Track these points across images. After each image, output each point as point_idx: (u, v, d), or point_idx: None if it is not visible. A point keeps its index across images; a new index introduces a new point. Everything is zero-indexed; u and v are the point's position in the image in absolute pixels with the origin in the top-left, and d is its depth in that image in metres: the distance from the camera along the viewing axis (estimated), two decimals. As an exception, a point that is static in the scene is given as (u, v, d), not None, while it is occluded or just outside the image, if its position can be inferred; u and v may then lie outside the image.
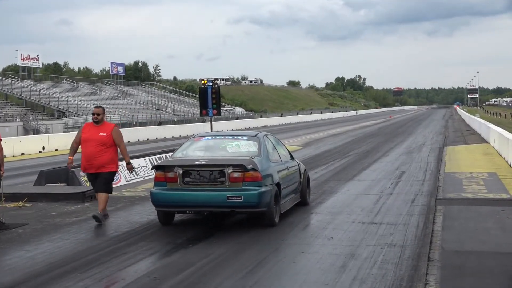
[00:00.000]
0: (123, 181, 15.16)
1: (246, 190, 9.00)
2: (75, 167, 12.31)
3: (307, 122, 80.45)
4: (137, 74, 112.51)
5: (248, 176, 9.03)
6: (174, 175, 9.24)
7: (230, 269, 7.10)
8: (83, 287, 6.49)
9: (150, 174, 16.05)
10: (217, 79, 24.27)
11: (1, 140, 9.64)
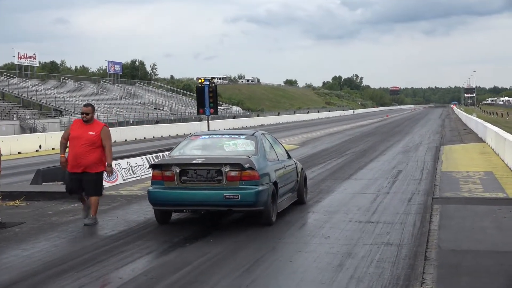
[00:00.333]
0: (120, 179, 15.15)
1: (243, 189, 9.01)
2: None
3: (304, 121, 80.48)
4: (134, 72, 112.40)
5: (245, 175, 9.04)
6: (172, 174, 9.23)
7: (227, 268, 7.11)
8: (80, 286, 6.49)
9: (147, 172, 16.04)
10: (214, 78, 24.16)
11: None
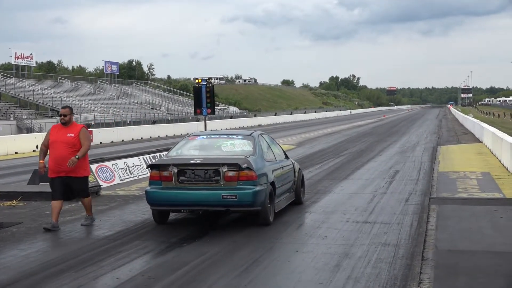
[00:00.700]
0: (117, 180, 15.15)
1: (241, 189, 9.02)
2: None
3: (301, 121, 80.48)
4: (131, 73, 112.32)
5: (243, 175, 9.05)
6: (169, 174, 9.24)
7: (224, 268, 7.12)
8: (78, 286, 6.49)
9: (144, 173, 16.05)
10: (211, 78, 24.23)
11: None
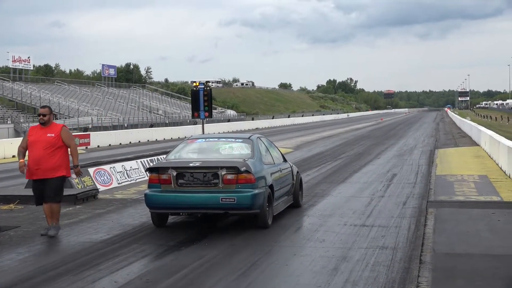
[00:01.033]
0: (115, 183, 15.15)
1: (240, 192, 9.03)
2: None
3: (299, 124, 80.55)
4: (128, 76, 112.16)
5: (241, 178, 9.06)
6: (168, 177, 9.25)
7: (222, 271, 7.12)
8: (76, 290, 6.48)
9: (142, 176, 16.06)
10: (208, 82, 24.22)
11: None
